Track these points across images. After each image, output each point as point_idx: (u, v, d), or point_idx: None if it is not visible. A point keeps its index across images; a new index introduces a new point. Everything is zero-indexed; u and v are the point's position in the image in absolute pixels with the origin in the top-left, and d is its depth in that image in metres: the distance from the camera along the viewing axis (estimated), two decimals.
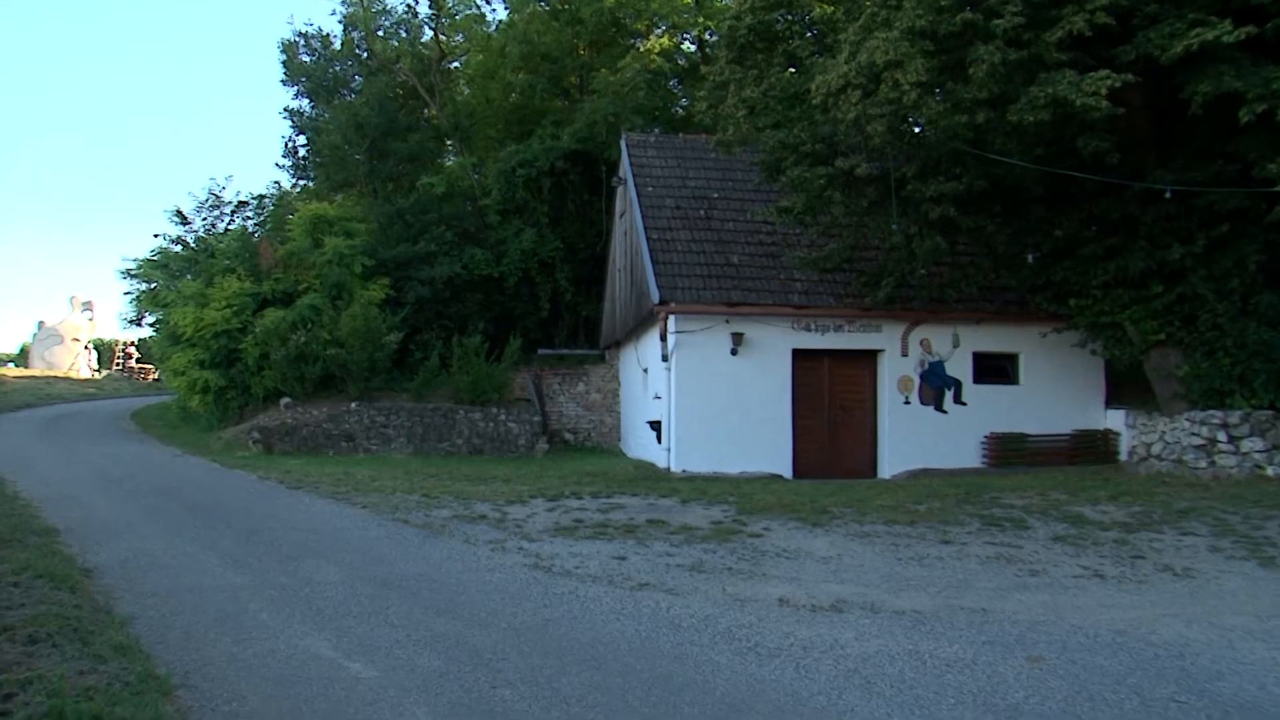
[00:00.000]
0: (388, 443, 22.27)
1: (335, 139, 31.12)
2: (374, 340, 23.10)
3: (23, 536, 9.89)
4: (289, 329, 23.69)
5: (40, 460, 19.15)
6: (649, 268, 17.96)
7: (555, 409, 23.74)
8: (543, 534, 10.99)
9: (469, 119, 33.32)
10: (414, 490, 14.80)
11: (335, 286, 25.14)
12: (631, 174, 20.43)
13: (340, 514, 12.62)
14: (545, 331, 27.95)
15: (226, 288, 24.85)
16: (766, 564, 9.38)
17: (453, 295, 26.54)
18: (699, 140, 21.47)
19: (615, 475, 17.13)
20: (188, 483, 16.29)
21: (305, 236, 26.14)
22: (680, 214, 19.28)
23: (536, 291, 27.39)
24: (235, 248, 26.93)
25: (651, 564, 9.35)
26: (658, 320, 17.57)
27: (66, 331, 50.36)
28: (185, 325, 24.70)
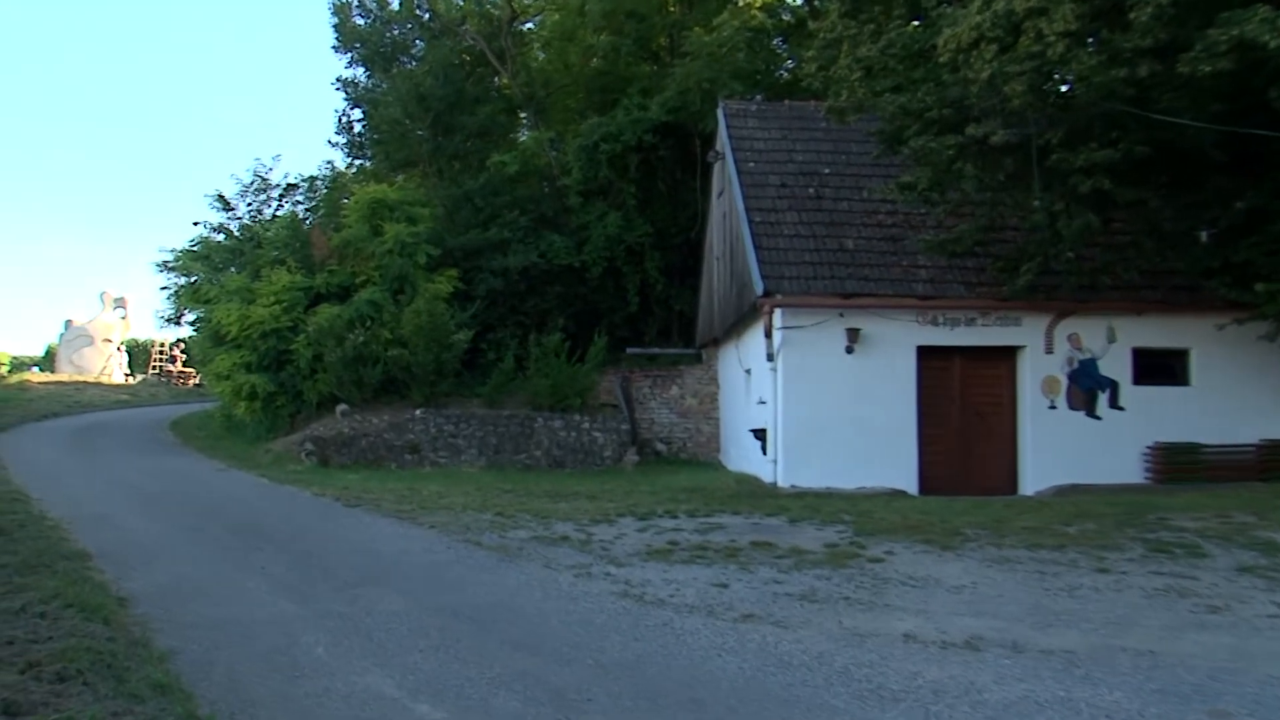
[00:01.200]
0: (457, 454, 22.64)
1: (394, 112, 31.58)
2: (441, 339, 23.50)
3: (51, 561, 10.14)
4: (345, 327, 24.23)
5: (69, 476, 19.76)
6: (751, 255, 17.93)
7: (645, 416, 23.85)
8: (632, 558, 11.05)
9: (544, 88, 33.61)
10: (487, 508, 15.00)
11: (397, 279, 25.66)
12: (730, 148, 20.41)
13: (404, 535, 12.83)
14: (633, 328, 28.08)
15: (275, 281, 25.49)
16: (889, 593, 9.30)
17: (529, 288, 26.86)
18: (807, 107, 21.35)
19: (714, 491, 17.13)
20: (233, 500, 16.73)
21: (363, 223, 26.67)
22: (786, 193, 19.20)
23: (623, 283, 27.54)
24: (284, 236, 27.62)
25: (757, 592, 9.33)
26: (761, 315, 17.54)
27: (97, 332, 51.41)
28: (229, 324, 25.43)
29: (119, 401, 42.12)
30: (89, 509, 15.13)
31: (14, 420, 32.31)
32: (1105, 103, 13.70)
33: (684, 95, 27.01)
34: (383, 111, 32.36)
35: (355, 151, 36.01)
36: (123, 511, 15.10)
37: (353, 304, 25.10)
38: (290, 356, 25.13)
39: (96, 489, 17.96)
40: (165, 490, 17.93)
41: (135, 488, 18.21)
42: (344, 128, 35.50)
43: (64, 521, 13.36)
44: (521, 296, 26.87)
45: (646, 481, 19.22)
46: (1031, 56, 12.75)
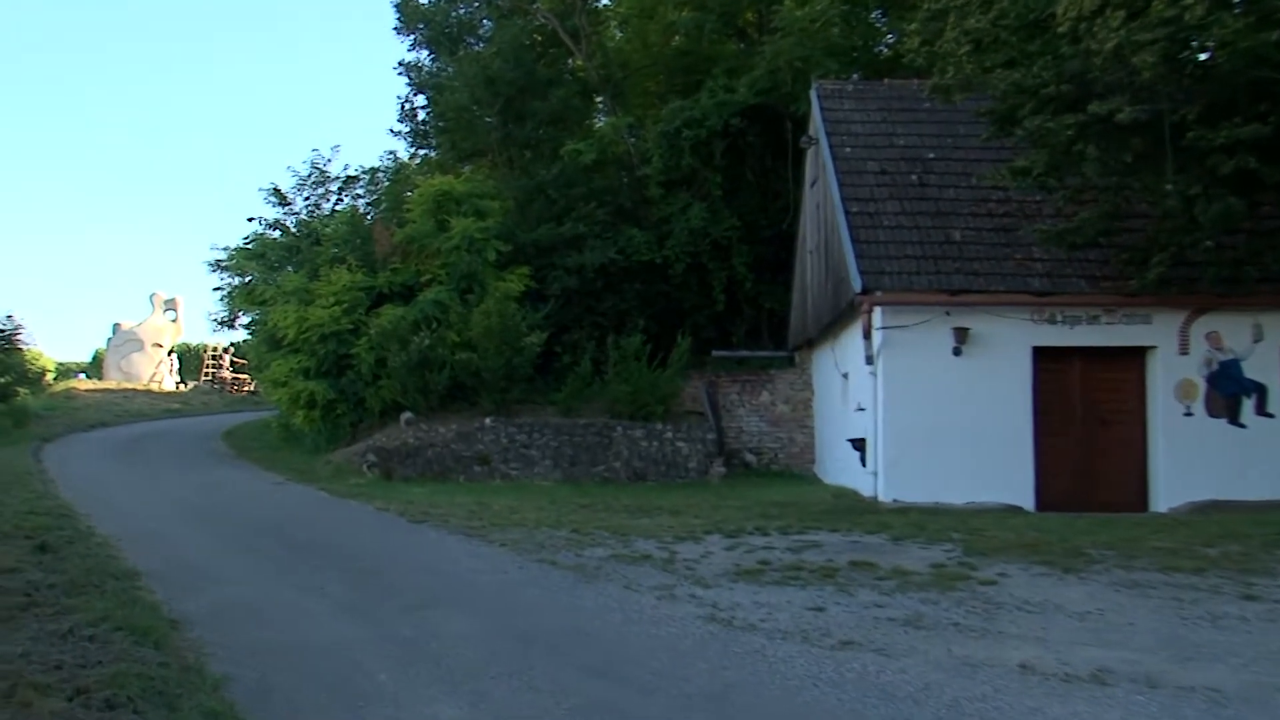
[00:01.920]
0: (529, 466, 22.80)
1: (461, 98, 31.77)
2: (512, 342, 23.66)
3: (99, 581, 10.34)
4: (410, 329, 24.53)
5: (118, 490, 20.22)
6: (848, 248, 17.84)
7: (733, 424, 23.80)
8: (720, 578, 11.02)
9: (622, 69, 33.66)
10: (562, 524, 15.08)
11: (464, 278, 25.92)
12: (825, 132, 20.30)
13: (474, 553, 12.94)
14: (720, 329, 28.03)
15: (335, 281, 25.90)
16: (1003, 619, 9.16)
17: (606, 286, 26.96)
18: (909, 86, 21.10)
19: (809, 506, 17.09)
20: (291, 516, 17.01)
21: (427, 217, 26.98)
22: (887, 180, 19.06)
23: (708, 280, 27.49)
24: (344, 233, 28.06)
25: (856, 617, 9.26)
26: (860, 313, 17.46)
27: (147, 335, 52.38)
28: (286, 326, 25.94)
29: (169, 410, 43.09)
30: (139, 525, 15.46)
31: (60, 430, 33.27)
32: (1252, 71, 13.35)
33: (774, 75, 26.87)
34: (448, 97, 32.51)
35: (419, 141, 36.32)
36: (174, 528, 15.44)
37: (417, 304, 25.42)
38: (351, 361, 25.50)
39: (147, 504, 18.37)
40: (219, 505, 18.32)
41: (187, 503, 18.62)
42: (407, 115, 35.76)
43: (113, 538, 13.63)
44: (598, 296, 26.99)
45: (735, 495, 19.20)
46: (1165, 22, 12.49)
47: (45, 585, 9.94)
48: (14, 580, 10.14)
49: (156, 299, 54.12)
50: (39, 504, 16.56)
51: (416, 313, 25.09)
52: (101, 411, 39.68)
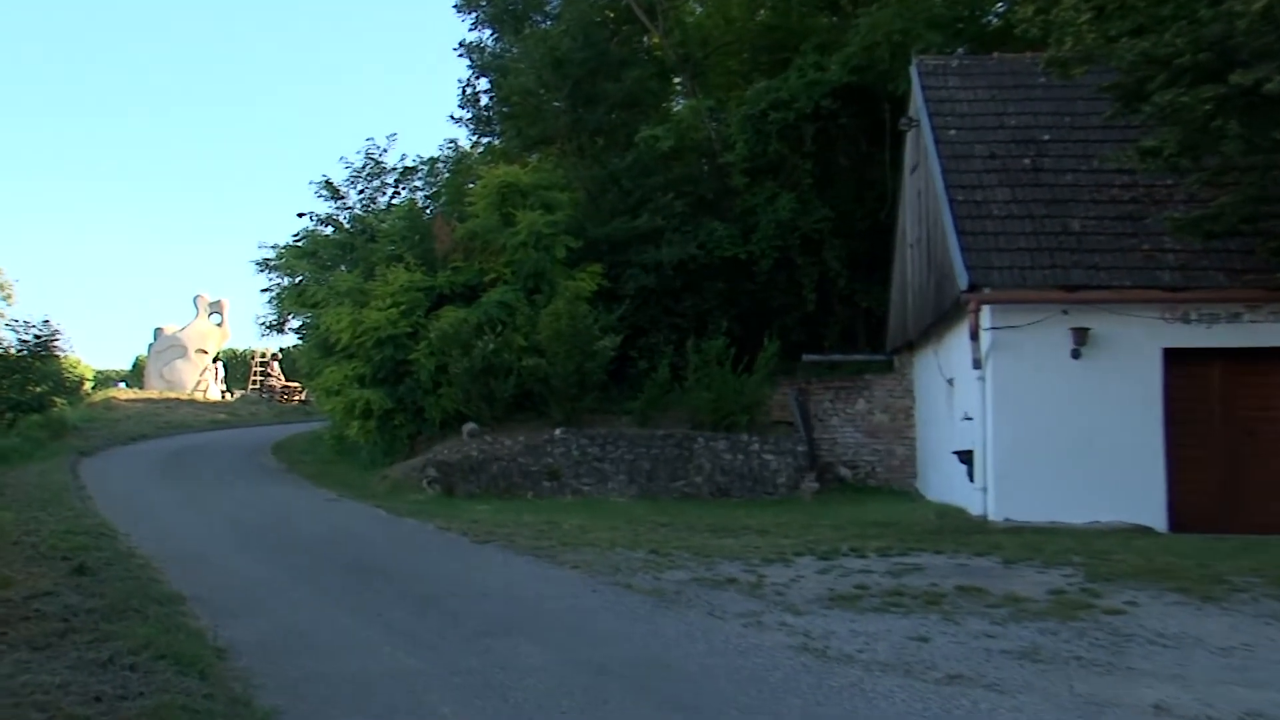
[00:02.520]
0: (603, 481, 22.84)
1: (527, 81, 31.93)
2: (583, 346, 23.72)
3: (141, 606, 10.49)
4: (473, 333, 24.66)
5: (160, 507, 20.58)
6: (953, 241, 17.65)
7: (826, 435, 23.67)
8: (813, 604, 10.96)
9: (702, 48, 33.62)
10: (639, 545, 15.10)
11: (532, 276, 26.06)
12: (927, 113, 20.12)
13: (543, 576, 12.99)
14: (810, 331, 27.89)
15: (392, 280, 26.09)
16: (1133, 653, 8.98)
17: (686, 285, 26.97)
18: (1022, 61, 20.87)
19: (910, 525, 16.94)
20: (346, 535, 17.18)
21: (491, 211, 27.17)
22: (996, 164, 18.84)
23: (798, 277, 27.34)
24: (402, 228, 28.32)
25: (965, 648, 9.15)
26: (966, 313, 17.27)
27: (191, 341, 53.10)
28: (340, 330, 26.23)
29: (215, 421, 43.81)
30: (183, 545, 15.70)
31: (99, 444, 33.96)
32: None
33: (870, 51, 26.63)
34: (513, 80, 32.67)
35: (482, 128, 36.58)
36: (221, 548, 15.65)
37: (481, 306, 25.59)
38: (410, 368, 25.72)
39: (191, 522, 18.69)
40: (268, 524, 18.57)
41: (234, 521, 18.89)
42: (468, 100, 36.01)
43: (155, 560, 13.85)
44: (677, 295, 27.00)
45: (828, 513, 19.12)
46: None
47: (84, 610, 10.11)
48: (51, 604, 10.33)
49: (200, 301, 54.73)
50: (77, 522, 16.89)
51: (480, 315, 25.24)
52: (142, 423, 40.43)
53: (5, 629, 9.19)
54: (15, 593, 10.76)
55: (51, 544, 14.23)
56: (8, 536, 14.58)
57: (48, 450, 30.98)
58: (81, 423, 37.61)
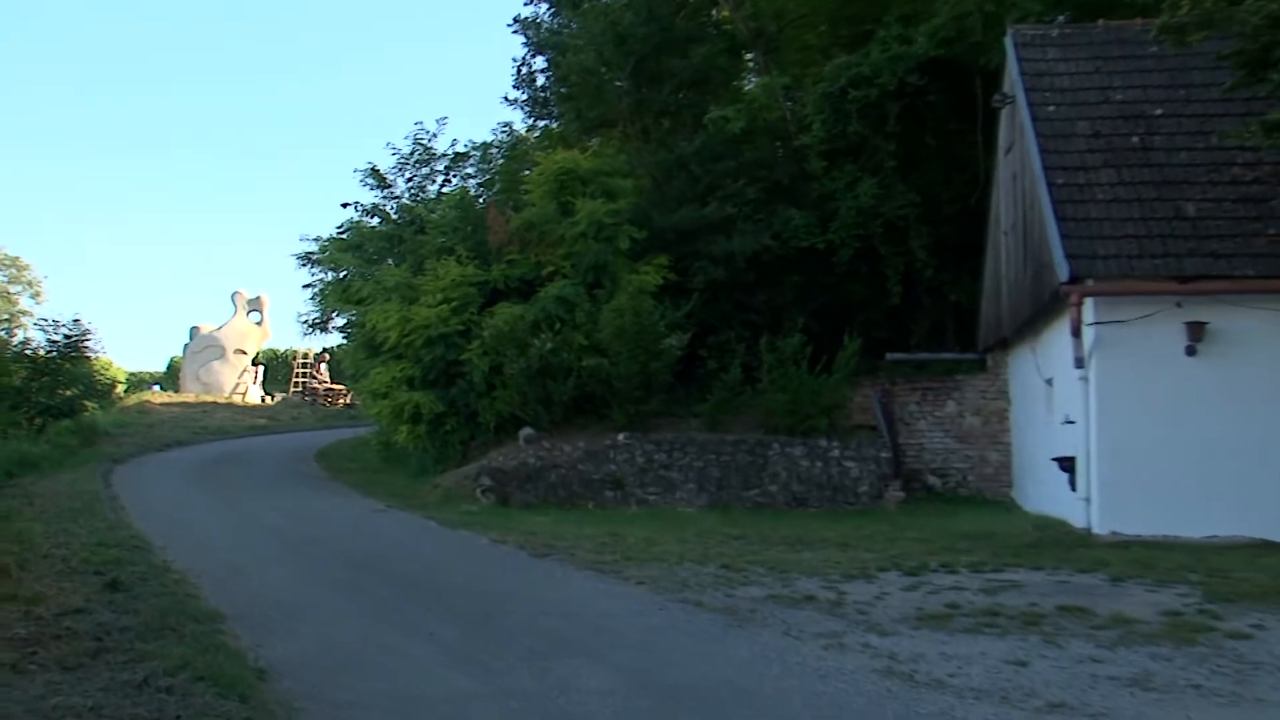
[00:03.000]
0: (670, 490, 22.82)
1: (587, 59, 31.89)
2: (648, 345, 23.71)
3: (177, 624, 10.60)
4: (529, 331, 24.69)
5: (197, 518, 20.85)
6: (1052, 227, 17.49)
7: (912, 440, 23.51)
8: (899, 624, 10.92)
9: (776, 21, 33.43)
10: (709, 559, 15.11)
11: (592, 270, 26.08)
12: (1023, 87, 19.92)
13: (606, 593, 13.04)
14: (895, 327, 27.70)
15: (443, 275, 26.21)
16: (1260, 682, 8.84)
17: (759, 278, 26.86)
18: (1130, 28, 20.64)
19: (1006, 538, 16.85)
20: (394, 548, 17.34)
21: (549, 200, 27.16)
22: (1101, 143, 18.63)
23: (881, 269, 27.12)
24: (453, 219, 28.46)
25: (1067, 674, 9.05)
26: (1067, 306, 17.09)
27: (229, 340, 53.73)
28: (387, 329, 26.39)
29: (255, 426, 44.28)
30: (221, 559, 15.87)
31: (132, 450, 34.40)
32: None
33: (960, 21, 26.37)
34: (572, 58, 32.62)
35: (538, 110, 36.65)
36: (261, 562, 15.84)
37: (538, 301, 25.66)
38: (462, 368, 25.84)
39: (230, 534, 18.91)
40: (312, 536, 18.78)
41: (276, 532, 19.15)
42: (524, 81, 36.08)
43: (192, 574, 14.00)
44: (749, 289, 26.90)
45: (915, 525, 19.02)
46: None
47: (117, 628, 10.24)
48: (83, 622, 10.47)
49: (239, 298, 55.36)
50: (109, 534, 17.11)
51: (537, 311, 25.30)
52: (178, 428, 40.99)
53: (35, 648, 9.32)
54: (46, 609, 10.93)
55: (83, 557, 14.44)
56: (37, 549, 14.81)
57: (78, 457, 31.36)
58: (114, 428, 38.19)
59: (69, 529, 17.47)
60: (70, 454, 31.66)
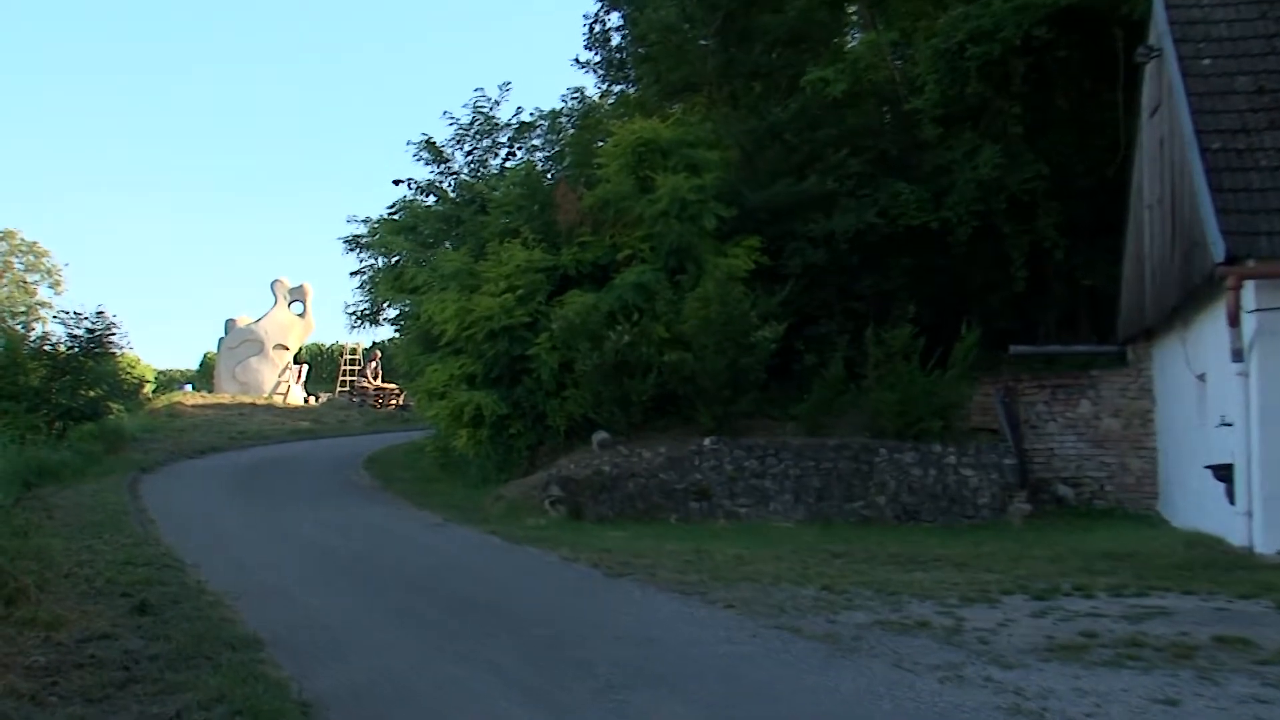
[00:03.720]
0: (763, 502, 22.75)
1: (668, 15, 31.95)
2: (738, 337, 23.63)
3: (212, 651, 10.69)
4: (604, 322, 24.77)
5: (233, 533, 21.13)
6: (1205, 199, 17.17)
7: (1041, 445, 23.26)
8: (1026, 655, 10.74)
9: None
10: (808, 579, 15.02)
11: (675, 253, 26.07)
12: (1172, 39, 19.59)
13: (690, 617, 12.97)
14: (1020, 316, 27.55)
15: (506, 260, 26.31)
16: None
17: (864, 261, 26.80)
18: None
19: (1151, 557, 16.57)
20: (453, 567, 17.47)
21: (626, 174, 27.25)
22: (1265, 101, 18.27)
23: (1004, 250, 26.90)
24: (518, 197, 28.58)
25: (1226, 715, 8.86)
26: (1223, 291, 16.82)
27: (268, 334, 54.51)
28: (444, 320, 26.56)
29: (297, 431, 44.93)
30: (260, 579, 16.06)
31: (162, 458, 34.92)
32: None
33: None
34: (651, 15, 32.71)
35: (613, 74, 36.73)
36: (305, 582, 15.96)
37: (613, 289, 25.69)
38: (528, 365, 25.93)
39: (270, 551, 19.12)
40: (361, 553, 18.91)
41: (321, 550, 19.31)
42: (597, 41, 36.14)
43: (228, 596, 14.11)
44: (853, 274, 26.85)
45: (1043, 542, 18.78)
46: None
47: (146, 656, 10.36)
48: (109, 649, 10.61)
49: (279, 287, 56.03)
50: (137, 552, 17.37)
51: (612, 300, 25.34)
52: (212, 432, 41.66)
53: (56, 678, 9.43)
54: (68, 635, 11.07)
55: (109, 577, 14.67)
56: (58, 569, 14.89)
57: (103, 465, 31.95)
58: (142, 433, 38.79)
59: (92, 545, 17.80)
60: (93, 461, 32.23)
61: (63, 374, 34.66)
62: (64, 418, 34.03)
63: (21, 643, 10.55)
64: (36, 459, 29.30)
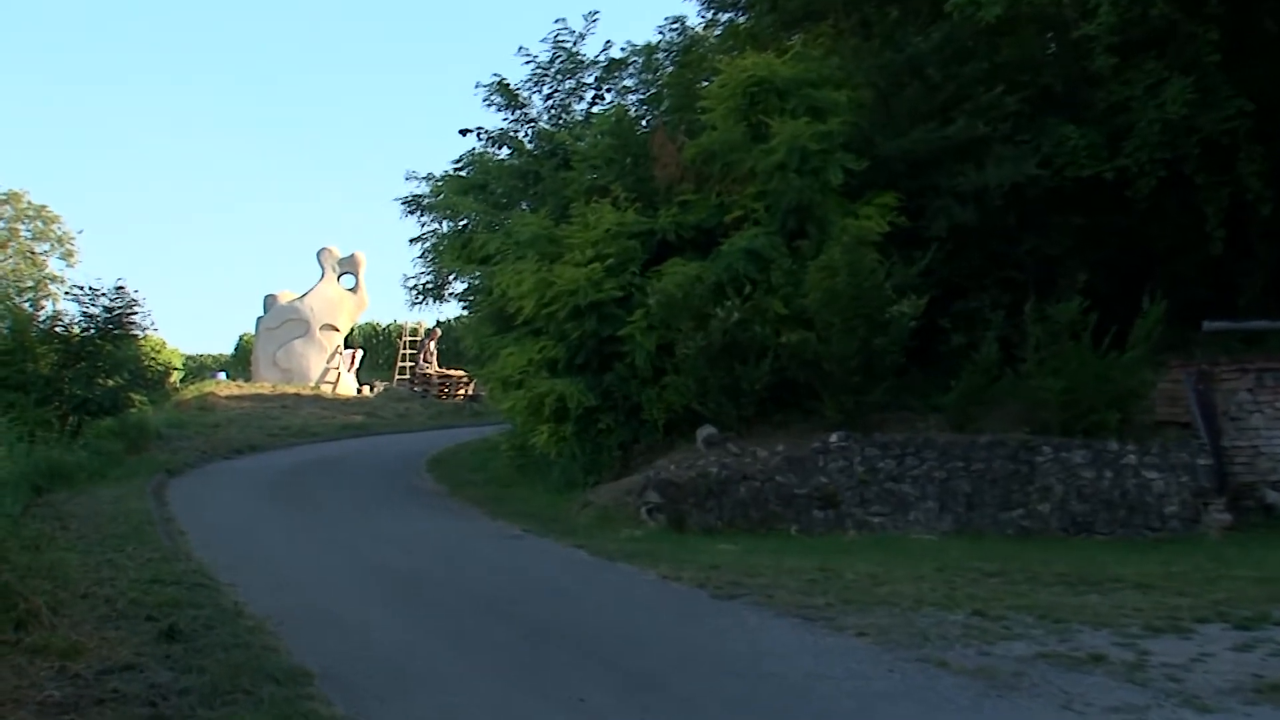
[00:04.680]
0: (901, 510, 22.54)
1: None
2: (870, 314, 23.44)
3: (252, 685, 10.78)
4: (710, 296, 24.70)
5: (276, 547, 21.30)
6: None
7: (1244, 442, 22.90)
8: (1226, 697, 10.60)
9: None
10: (957, 603, 14.94)
11: (794, 213, 25.86)
12: None
13: (815, 648, 12.91)
14: (1216, 284, 27.08)
15: (594, 223, 26.36)
16: None
17: (1022, 221, 26.60)
18: None
19: None
20: (531, 588, 17.48)
21: (735, 120, 27.00)
22: None
23: (1196, 204, 26.44)
24: (607, 148, 28.57)
25: None
26: None
27: (315, 313, 54.70)
28: (522, 295, 26.56)
29: (349, 426, 45.39)
30: (308, 600, 16.16)
31: (192, 458, 35.31)
32: None
33: None
34: None
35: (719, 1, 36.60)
36: (359, 605, 16.02)
37: (721, 257, 25.56)
38: (620, 348, 25.96)
39: (318, 568, 19.23)
40: (424, 571, 18.97)
41: (378, 566, 19.37)
42: None
43: (270, 620, 14.16)
44: (1009, 236, 26.63)
45: (1247, 559, 18.51)
46: None
47: (176, 690, 10.44)
48: (132, 682, 10.71)
49: (327, 258, 56.18)
50: (164, 568, 17.45)
51: (720, 270, 25.21)
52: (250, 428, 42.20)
53: (73, 715, 9.51)
54: (86, 665, 11.18)
55: (132, 598, 14.78)
56: (74, 588, 15.03)
57: (124, 467, 32.27)
58: (168, 429, 39.22)
59: (113, 560, 17.94)
60: (113, 462, 32.51)
61: (77, 360, 34.84)
62: (78, 411, 34.33)
63: (34, 674, 10.67)
64: (47, 459, 29.38)
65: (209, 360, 64.70)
